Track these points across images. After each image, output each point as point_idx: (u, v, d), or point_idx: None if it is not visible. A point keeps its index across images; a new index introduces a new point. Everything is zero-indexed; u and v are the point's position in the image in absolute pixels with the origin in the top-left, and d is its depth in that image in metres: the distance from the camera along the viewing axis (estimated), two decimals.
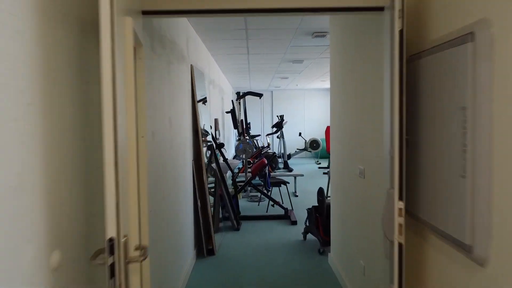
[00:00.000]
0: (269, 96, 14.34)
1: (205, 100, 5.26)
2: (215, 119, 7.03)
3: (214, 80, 6.97)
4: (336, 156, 3.74)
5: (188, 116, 4.00)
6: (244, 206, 6.61)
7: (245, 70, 8.56)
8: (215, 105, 7.14)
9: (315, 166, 11.84)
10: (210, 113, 6.10)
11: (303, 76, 9.80)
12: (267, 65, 7.88)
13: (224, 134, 9.18)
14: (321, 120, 14.46)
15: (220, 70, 8.25)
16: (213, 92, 6.77)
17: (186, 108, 3.89)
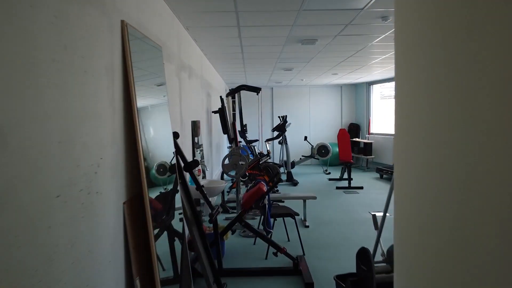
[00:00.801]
0: (268, 93, 12.36)
1: None
2: (194, 122, 5.05)
3: (192, 67, 4.99)
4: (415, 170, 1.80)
5: (108, 119, 2.03)
6: (234, 246, 4.63)
7: (237, 58, 6.58)
8: (194, 103, 5.17)
9: (324, 177, 9.86)
10: (182, 114, 4.12)
11: (312, 66, 7.81)
12: (266, 49, 5.90)
13: (212, 141, 7.18)
14: (330, 122, 12.47)
15: (203, 56, 6.25)
16: (190, 84, 4.79)
17: (98, 105, 1.92)
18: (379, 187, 8.36)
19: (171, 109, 3.60)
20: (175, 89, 3.82)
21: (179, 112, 3.99)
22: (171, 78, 3.68)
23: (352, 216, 5.97)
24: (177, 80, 3.91)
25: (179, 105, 4.00)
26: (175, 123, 3.81)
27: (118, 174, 2.14)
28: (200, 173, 4.45)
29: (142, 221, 2.37)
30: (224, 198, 6.59)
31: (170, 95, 3.59)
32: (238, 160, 5.09)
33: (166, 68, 3.42)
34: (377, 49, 5.89)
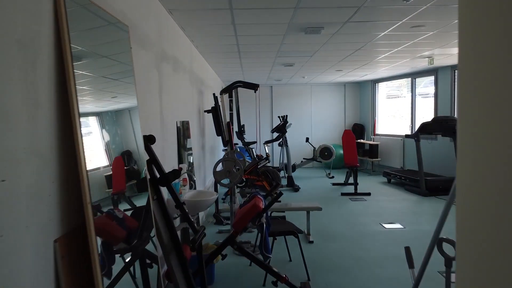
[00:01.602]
0: (267, 92, 11.68)
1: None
2: (184, 122, 4.38)
3: (179, 59, 4.30)
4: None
5: (22, 121, 1.35)
6: (226, 268, 3.95)
7: (233, 52, 5.90)
8: (182, 100, 4.49)
9: (327, 181, 9.18)
10: (163, 113, 3.44)
11: (315, 61, 7.13)
12: (265, 40, 5.22)
13: (205, 143, 6.50)
14: (333, 122, 11.79)
15: (194, 48, 5.57)
16: (175, 78, 4.11)
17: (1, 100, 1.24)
18: (388, 193, 7.68)
19: (147, 107, 2.92)
20: (153, 83, 3.14)
21: (159, 112, 3.31)
22: (148, 70, 3.00)
23: (362, 229, 5.29)
24: (156, 73, 3.23)
25: (159, 103, 3.31)
26: (153, 125, 3.13)
27: (44, 201, 1.46)
28: (186, 182, 3.77)
29: (89, 263, 1.69)
30: (218, 206, 5.91)
31: (145, 90, 2.91)
32: (233, 166, 4.41)
33: (139, 56, 2.74)
34: (389, 40, 5.22)
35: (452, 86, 8.01)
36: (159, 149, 3.27)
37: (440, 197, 7.22)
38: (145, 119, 2.82)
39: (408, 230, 5.24)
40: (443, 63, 7.58)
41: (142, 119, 2.71)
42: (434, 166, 8.33)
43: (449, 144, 8.05)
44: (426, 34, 4.87)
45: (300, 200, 7.15)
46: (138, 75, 2.68)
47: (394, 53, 6.25)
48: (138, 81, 2.65)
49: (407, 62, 7.47)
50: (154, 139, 2.68)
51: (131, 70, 2.39)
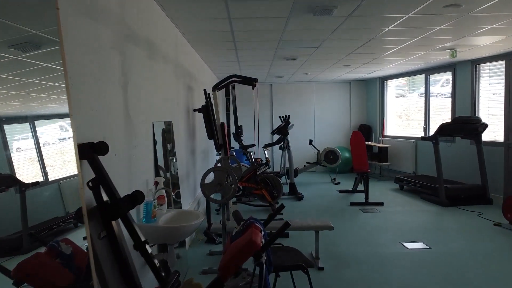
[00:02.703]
0: (267, 90, 10.83)
1: None
2: (166, 123, 3.55)
3: (158, 45, 3.46)
4: None
5: None
6: None
7: (228, 41, 5.06)
8: (162, 96, 3.64)
9: (333, 188, 8.34)
10: (129, 111, 2.59)
11: (322, 53, 6.29)
12: (264, 25, 4.38)
13: (196, 148, 5.66)
14: (338, 123, 10.94)
15: (180, 36, 4.74)
16: (153, 68, 3.26)
17: None
18: (402, 203, 6.83)
19: (97, 102, 2.08)
20: (111, 69, 2.30)
21: (123, 108, 2.47)
22: (101, 49, 2.16)
23: (380, 251, 4.45)
24: (116, 55, 2.39)
25: (122, 98, 2.47)
26: (114, 126, 2.29)
27: None
28: (163, 201, 2.94)
29: None
30: (210, 220, 5.08)
31: (97, 77, 2.07)
32: (225, 177, 3.56)
33: (83, 28, 1.91)
34: (409, 26, 4.39)
35: (474, 83, 7.17)
36: (123, 160, 2.43)
37: (462, 208, 6.38)
38: (89, 119, 1.98)
39: (434, 251, 4.40)
40: (463, 56, 6.75)
41: (80, 117, 1.88)
42: (453, 172, 7.49)
43: (470, 147, 7.21)
44: (451, 21, 4.04)
45: (304, 211, 6.31)
46: (79, 53, 1.84)
47: (412, 43, 5.42)
48: (78, 61, 1.82)
49: (421, 56, 6.64)
50: (105, 149, 1.84)
51: (57, 42, 1.55)
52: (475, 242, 4.66)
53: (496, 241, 4.69)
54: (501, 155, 6.63)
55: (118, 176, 2.32)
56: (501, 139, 6.68)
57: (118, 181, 2.28)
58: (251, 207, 6.54)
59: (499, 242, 4.65)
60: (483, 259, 4.13)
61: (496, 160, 6.70)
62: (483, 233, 5.03)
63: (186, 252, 4.39)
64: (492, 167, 6.71)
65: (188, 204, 4.86)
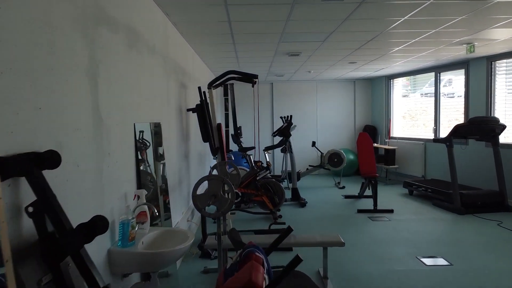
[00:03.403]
0: (267, 89, 10.33)
1: None
2: (155, 124, 3.06)
3: (141, 34, 2.97)
4: None
5: None
6: None
7: (225, 34, 4.57)
8: (148, 93, 3.15)
9: (337, 192, 7.84)
10: (100, 111, 2.10)
11: (328, 48, 5.81)
12: (265, 13, 3.89)
13: (190, 151, 5.17)
14: (342, 124, 10.44)
15: (171, 26, 4.25)
16: (133, 60, 2.77)
17: None
18: (414, 210, 6.34)
19: (52, 99, 1.59)
20: (72, 57, 1.81)
21: (90, 107, 1.98)
22: (55, 28, 1.67)
23: (396, 268, 3.95)
24: (81, 40, 1.90)
25: (90, 93, 1.98)
26: (76, 128, 1.80)
27: None
28: (145, 218, 2.44)
29: None
30: (206, 231, 4.58)
31: (49, 64, 1.58)
32: (221, 188, 3.07)
33: (34, 2, 1.42)
34: (428, 15, 3.90)
35: (489, 81, 6.68)
36: (90, 172, 1.94)
37: (479, 216, 5.89)
38: (34, 120, 1.48)
39: (457, 269, 3.91)
40: (477, 53, 6.26)
41: (17, 119, 1.39)
42: (467, 176, 7.01)
43: (484, 150, 6.72)
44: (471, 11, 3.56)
45: (308, 220, 5.81)
46: (15, 29, 1.35)
47: (426, 37, 4.94)
48: (14, 40, 1.33)
49: (433, 52, 6.16)
50: (55, 160, 1.35)
51: None
52: (501, 258, 4.17)
53: None
54: None
55: (83, 193, 1.83)
56: None
57: (81, 200, 1.79)
58: (251, 214, 6.05)
59: None
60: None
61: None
62: (507, 246, 4.54)
63: (177, 269, 3.89)
64: (509, 171, 6.22)
65: (180, 214, 4.37)
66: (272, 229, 5.19)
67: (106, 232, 2.17)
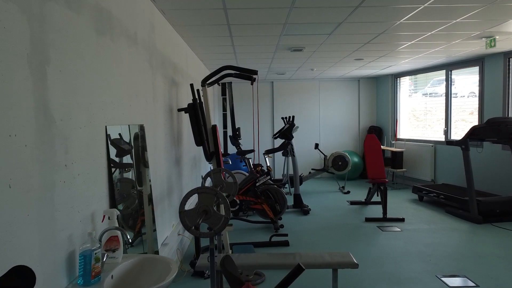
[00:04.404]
0: (268, 88, 9.84)
1: None
2: (139, 126, 2.58)
3: (119, 19, 2.48)
4: None
5: None
6: None
7: (221, 24, 4.09)
8: (131, 91, 2.66)
9: (342, 198, 7.35)
10: (49, 109, 1.61)
11: (333, 43, 5.33)
12: (266, 3, 3.40)
13: (182, 156, 4.68)
14: (345, 125, 9.95)
15: (157, 13, 3.76)
16: (107, 47, 2.28)
17: None
18: (426, 218, 5.85)
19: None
20: (9, 39, 1.33)
21: (35, 105, 1.49)
22: None
23: None
24: (19, 16, 1.42)
25: (33, 87, 1.50)
26: (13, 133, 1.32)
27: None
28: (117, 245, 1.96)
29: None
30: (200, 245, 4.11)
31: None
32: (212, 202, 2.60)
33: None
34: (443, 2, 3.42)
35: (507, 79, 6.20)
36: (35, 193, 1.46)
37: (497, 225, 5.40)
38: None
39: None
40: (494, 48, 5.77)
41: None
42: (482, 181, 6.52)
43: (501, 153, 6.24)
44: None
45: (313, 230, 5.32)
46: None
47: (443, 29, 4.46)
48: None
49: (445, 48, 5.68)
50: None
51: None
52: None
53: None
54: None
55: (16, 222, 1.34)
56: None
57: (13, 233, 1.30)
58: (250, 224, 5.56)
59: None
60: None
61: None
62: None
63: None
64: None
65: (170, 228, 3.88)
66: (273, 242, 4.71)
67: (62, 267, 1.68)
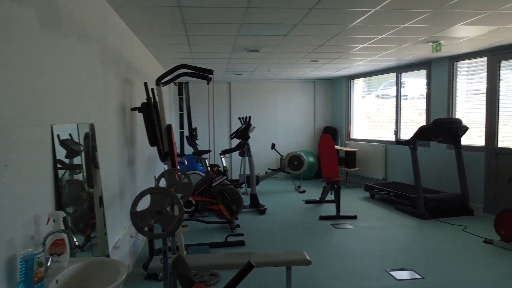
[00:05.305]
0: (225, 88, 9.82)
1: None
2: (89, 125, 2.48)
3: (66, 9, 2.38)
4: None
5: None
6: None
7: (174, 20, 4.03)
8: (81, 88, 2.56)
9: (298, 197, 7.47)
10: None
11: (290, 44, 5.41)
12: (223, 1, 3.39)
13: (136, 156, 4.57)
14: (301, 125, 10.13)
15: (109, 9, 3.65)
16: (52, 40, 2.18)
17: None
18: (377, 215, 6.08)
19: None
20: None
21: None
22: None
23: (366, 284, 3.59)
24: None
25: None
26: None
27: None
28: (64, 249, 1.88)
29: None
30: (154, 247, 4.02)
31: None
32: (165, 203, 2.55)
33: None
34: (395, 7, 3.58)
35: (451, 81, 6.56)
36: None
37: (443, 220, 5.70)
38: None
39: (429, 282, 3.60)
40: (440, 53, 6.09)
41: None
42: (429, 179, 6.86)
43: (446, 152, 6.60)
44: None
45: (269, 229, 5.37)
46: None
47: (393, 33, 4.66)
48: None
49: (396, 51, 5.93)
50: None
51: None
52: (473, 268, 3.92)
53: (498, 265, 3.97)
54: (480, 161, 6.04)
55: None
56: (478, 143, 6.12)
57: None
58: (206, 224, 5.52)
59: (503, 267, 3.93)
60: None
61: (475, 166, 6.11)
62: (477, 254, 4.32)
63: None
64: (470, 174, 6.11)
65: (122, 230, 3.78)
66: (229, 242, 4.70)
67: (2, 273, 1.59)
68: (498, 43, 5.38)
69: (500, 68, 5.74)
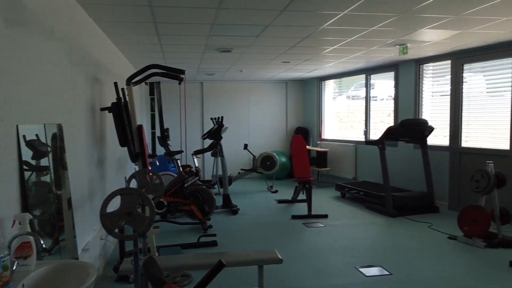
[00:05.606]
0: (197, 89, 9.77)
1: None
2: (57, 126, 2.42)
3: (29, 8, 2.32)
4: None
5: None
6: None
7: (145, 20, 3.99)
8: (45, 86, 2.50)
9: (270, 197, 7.53)
10: None
11: (261, 45, 5.44)
12: (194, 1, 3.39)
13: (106, 157, 4.49)
14: (274, 126, 10.20)
15: (77, 7, 3.58)
16: (15, 39, 2.12)
17: None
18: (347, 214, 6.21)
19: None
20: None
21: None
22: None
23: (336, 281, 3.67)
24: None
25: None
26: None
27: None
28: (30, 252, 1.84)
29: None
30: (125, 249, 3.97)
31: None
32: (136, 204, 2.53)
33: None
34: (363, 10, 3.68)
35: (418, 83, 6.78)
36: None
37: (410, 218, 5.89)
38: None
39: (396, 278, 3.72)
40: (407, 55, 6.29)
41: None
42: (396, 178, 7.05)
43: (413, 151, 6.82)
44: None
45: (241, 229, 5.40)
46: None
47: (362, 36, 4.78)
48: None
49: (365, 54, 6.08)
50: None
51: None
52: (439, 263, 4.07)
53: (461, 260, 4.14)
54: (445, 160, 6.28)
55: None
56: (443, 143, 6.35)
57: None
58: (178, 225, 5.48)
59: (465, 261, 4.10)
60: (455, 286, 3.52)
61: (440, 166, 6.34)
62: (442, 249, 4.49)
63: None
64: (435, 173, 6.33)
65: (92, 232, 3.70)
66: (201, 242, 4.69)
67: None
68: (461, 47, 5.60)
69: (463, 71, 5.98)
